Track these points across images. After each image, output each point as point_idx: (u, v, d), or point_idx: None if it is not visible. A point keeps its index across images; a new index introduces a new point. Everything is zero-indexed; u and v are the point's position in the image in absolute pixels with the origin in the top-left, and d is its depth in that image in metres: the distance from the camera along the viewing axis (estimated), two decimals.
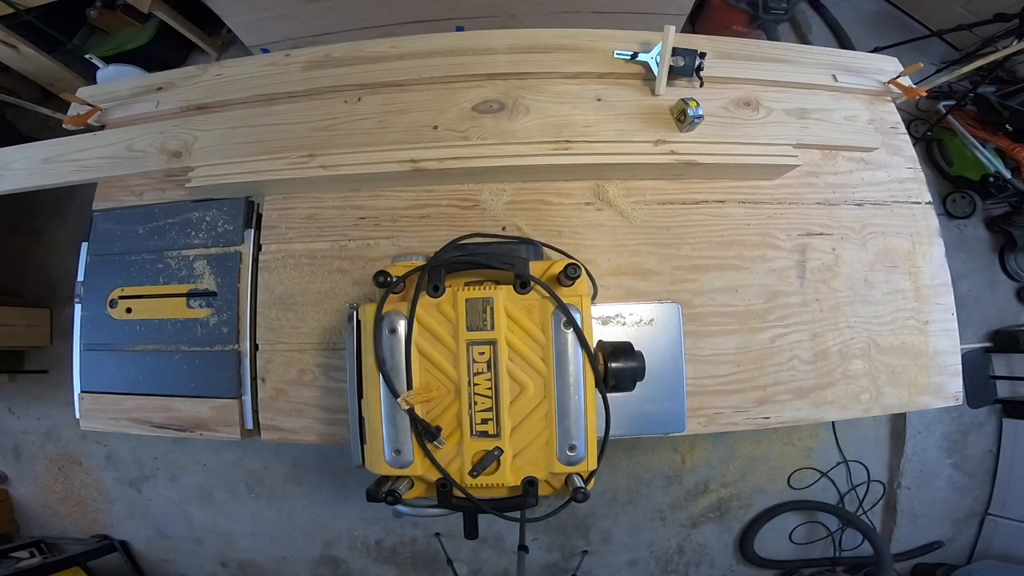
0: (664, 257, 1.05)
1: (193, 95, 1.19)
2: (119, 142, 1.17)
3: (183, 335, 1.06)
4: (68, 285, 1.97)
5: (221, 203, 1.10)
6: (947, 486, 2.10)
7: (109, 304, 1.09)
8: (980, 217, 2.21)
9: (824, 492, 2.09)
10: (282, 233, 1.08)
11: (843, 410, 1.05)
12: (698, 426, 1.01)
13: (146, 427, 1.07)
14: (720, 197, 1.09)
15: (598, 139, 1.06)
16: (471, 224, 1.06)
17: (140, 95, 1.23)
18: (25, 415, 2.30)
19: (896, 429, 2.10)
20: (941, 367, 1.08)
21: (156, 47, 2.26)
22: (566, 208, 1.07)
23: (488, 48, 1.15)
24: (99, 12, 2.18)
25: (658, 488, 2.08)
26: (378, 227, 1.07)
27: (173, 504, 2.19)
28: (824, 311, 1.06)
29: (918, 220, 1.13)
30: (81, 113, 1.21)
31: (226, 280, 1.06)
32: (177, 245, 1.09)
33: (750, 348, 1.03)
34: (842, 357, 1.05)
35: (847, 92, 1.19)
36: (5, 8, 1.89)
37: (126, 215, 1.14)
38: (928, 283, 1.10)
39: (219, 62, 1.44)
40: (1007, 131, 1.97)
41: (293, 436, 1.02)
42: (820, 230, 1.10)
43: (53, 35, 2.06)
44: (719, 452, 2.07)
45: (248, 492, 2.15)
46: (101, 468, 2.23)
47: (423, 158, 1.01)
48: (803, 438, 2.08)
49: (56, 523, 2.25)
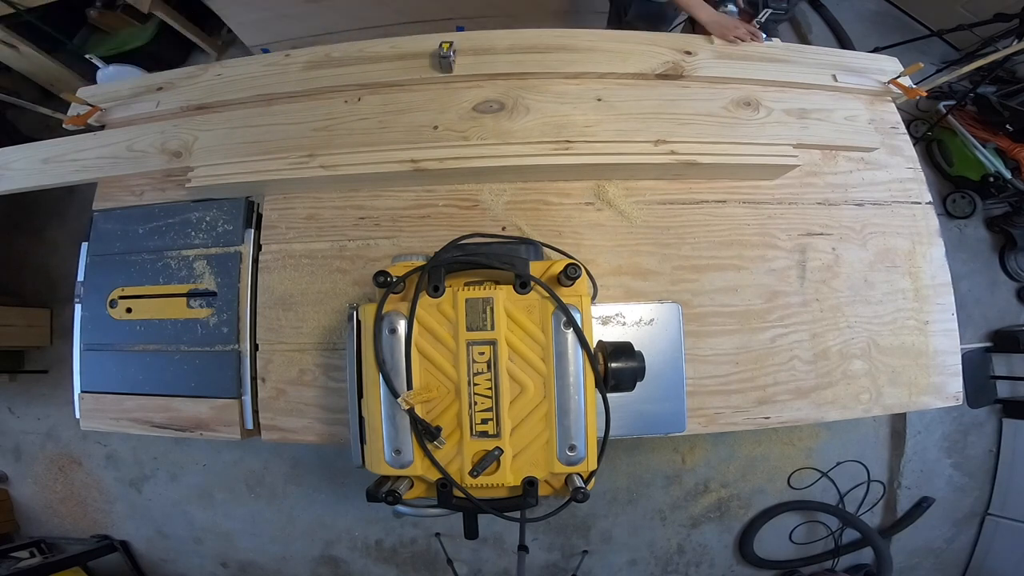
0: (664, 257, 1.05)
1: (193, 95, 1.19)
2: (119, 142, 1.17)
3: (183, 335, 1.06)
4: (68, 285, 1.97)
5: (221, 203, 1.10)
6: (947, 486, 2.10)
7: (109, 304, 1.09)
8: (980, 217, 2.21)
9: (824, 492, 2.09)
10: (282, 233, 1.09)
11: (843, 410, 1.05)
12: (698, 426, 1.01)
13: (146, 427, 1.07)
14: (720, 197, 1.09)
15: (598, 139, 1.06)
16: (471, 224, 1.06)
17: (140, 95, 1.23)
18: (25, 415, 2.30)
19: (896, 429, 2.10)
20: (941, 367, 1.08)
21: (156, 47, 2.26)
22: (566, 208, 1.07)
23: (488, 48, 1.15)
24: (99, 12, 2.18)
25: (658, 488, 2.08)
26: (378, 227, 1.07)
27: (173, 504, 2.18)
28: (824, 311, 1.06)
29: (918, 220, 1.13)
30: (81, 113, 1.21)
31: (226, 280, 1.06)
32: (177, 245, 1.10)
33: (750, 348, 1.03)
34: (842, 357, 1.05)
35: (847, 92, 1.19)
36: (5, 8, 1.89)
37: (126, 215, 1.14)
38: (928, 283, 1.10)
39: (219, 62, 1.44)
40: (1007, 131, 1.97)
41: (293, 436, 1.02)
42: (820, 230, 1.10)
43: (53, 35, 2.06)
44: (719, 452, 2.07)
45: (248, 492, 2.15)
46: (101, 468, 2.23)
47: (423, 158, 1.01)
48: (803, 438, 2.08)
49: (56, 523, 2.25)
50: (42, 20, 1.99)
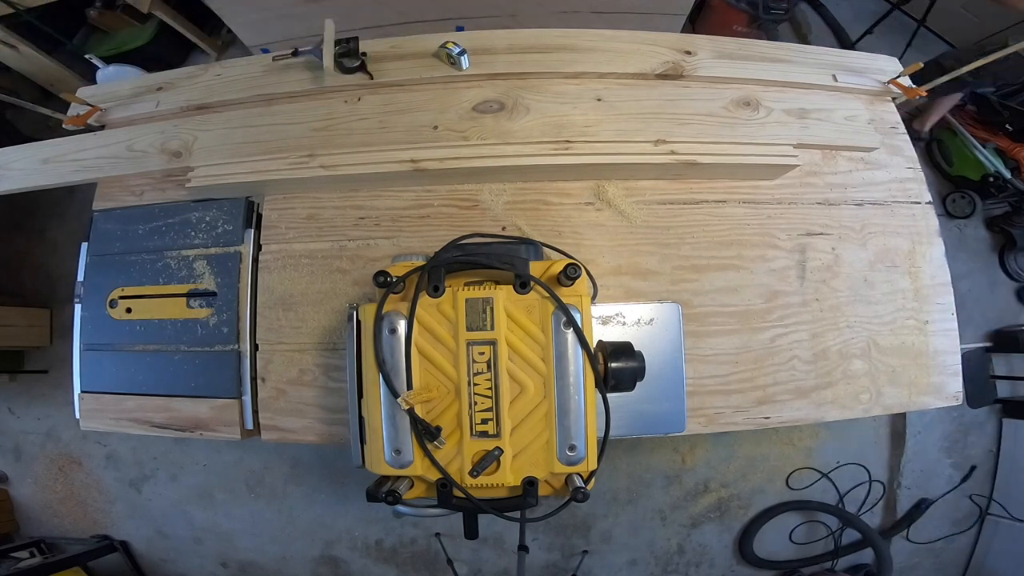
0: (664, 257, 1.05)
1: (193, 95, 1.19)
2: (119, 142, 1.17)
3: (183, 335, 1.06)
4: (68, 285, 1.97)
5: (221, 203, 1.10)
6: (947, 486, 2.10)
7: (109, 304, 1.09)
8: (980, 217, 2.21)
9: (824, 492, 2.09)
10: (282, 233, 1.08)
11: (843, 410, 1.04)
12: (698, 426, 1.01)
13: (146, 427, 1.06)
14: (720, 197, 1.09)
15: (598, 139, 1.06)
16: (471, 224, 1.06)
17: (140, 95, 1.23)
18: (25, 415, 2.30)
19: (896, 429, 2.10)
20: (941, 367, 1.08)
21: (156, 47, 2.27)
22: (566, 208, 1.07)
23: (488, 48, 1.15)
24: (99, 12, 2.18)
25: (658, 488, 2.08)
26: (378, 227, 1.07)
27: (173, 504, 2.19)
28: (824, 311, 1.06)
29: (918, 220, 1.13)
30: (81, 113, 1.21)
31: (226, 280, 1.06)
32: (177, 245, 1.09)
33: (750, 348, 1.03)
34: (842, 357, 1.05)
35: (847, 92, 1.19)
36: (5, 8, 1.89)
37: (126, 215, 1.14)
38: (928, 283, 1.10)
39: (219, 62, 1.44)
40: (1007, 131, 1.98)
41: (293, 436, 1.02)
42: (820, 230, 1.09)
43: (53, 35, 2.06)
44: (719, 452, 2.07)
45: (248, 492, 2.15)
46: (101, 468, 2.23)
47: (423, 158, 1.01)
48: (803, 438, 2.08)
49: (56, 523, 2.25)
50: (41, 20, 1.99)
